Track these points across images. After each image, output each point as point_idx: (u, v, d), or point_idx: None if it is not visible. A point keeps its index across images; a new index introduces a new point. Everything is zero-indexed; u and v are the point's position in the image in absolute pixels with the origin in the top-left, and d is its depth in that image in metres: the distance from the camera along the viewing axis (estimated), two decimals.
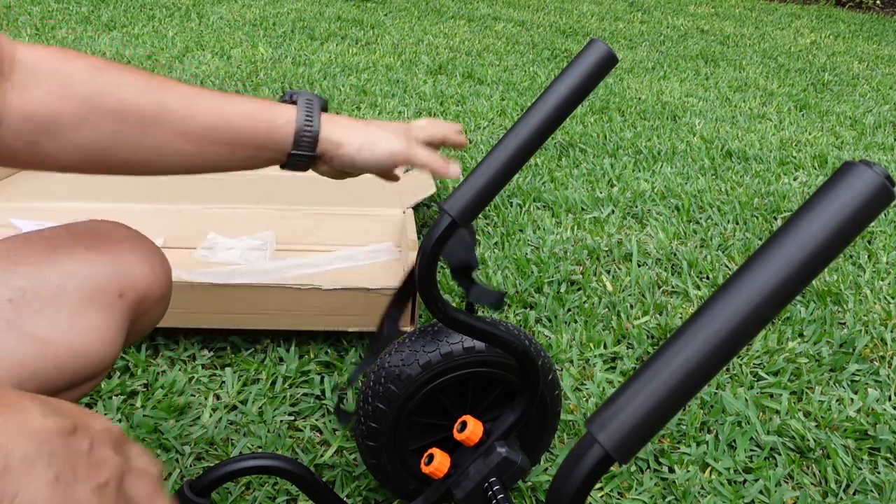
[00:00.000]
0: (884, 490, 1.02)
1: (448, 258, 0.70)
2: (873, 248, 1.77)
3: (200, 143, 0.62)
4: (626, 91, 3.10)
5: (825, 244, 0.36)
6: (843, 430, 1.13)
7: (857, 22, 5.64)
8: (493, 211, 1.82)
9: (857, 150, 2.58)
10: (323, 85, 2.77)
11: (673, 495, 1.00)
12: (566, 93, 0.62)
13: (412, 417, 0.84)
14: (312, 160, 0.68)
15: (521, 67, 3.35)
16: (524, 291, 1.45)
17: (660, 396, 0.37)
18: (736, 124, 2.76)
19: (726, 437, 1.09)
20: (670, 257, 1.64)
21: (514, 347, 0.74)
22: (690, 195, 1.99)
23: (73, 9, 3.74)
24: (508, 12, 4.78)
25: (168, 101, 0.61)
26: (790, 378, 1.25)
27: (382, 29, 3.93)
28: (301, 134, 0.65)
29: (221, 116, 0.62)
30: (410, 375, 0.81)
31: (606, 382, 1.21)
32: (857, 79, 3.71)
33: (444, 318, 0.68)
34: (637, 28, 4.63)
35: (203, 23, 3.69)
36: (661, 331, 1.36)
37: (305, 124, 0.65)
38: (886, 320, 1.45)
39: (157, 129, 0.60)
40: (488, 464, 0.76)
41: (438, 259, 0.66)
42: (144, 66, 2.82)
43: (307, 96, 0.67)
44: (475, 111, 2.64)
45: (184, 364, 1.19)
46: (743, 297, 0.37)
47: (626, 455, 0.37)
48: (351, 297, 1.21)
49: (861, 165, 0.36)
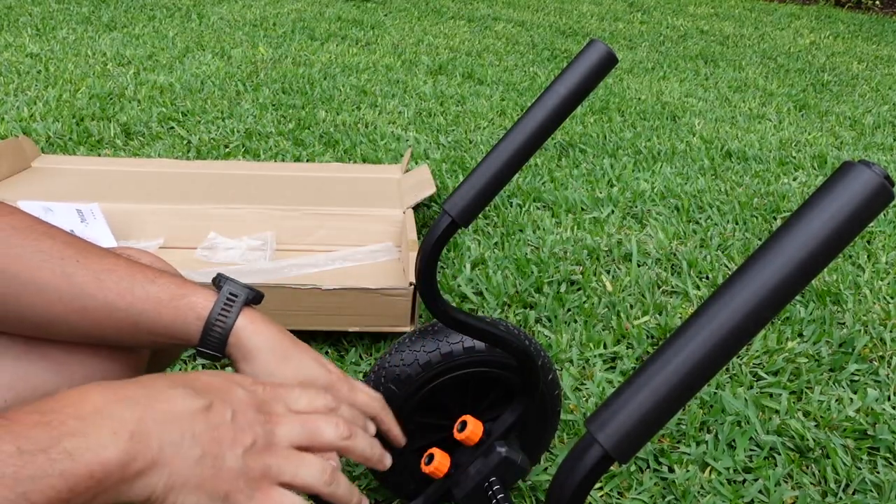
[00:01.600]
0: (883, 490, 1.02)
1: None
2: (873, 248, 1.78)
3: (99, 323, 0.57)
4: (626, 91, 3.10)
5: (824, 244, 0.37)
6: (843, 430, 1.13)
7: (856, 22, 5.64)
8: (493, 211, 1.82)
9: (857, 151, 2.58)
10: (323, 85, 2.77)
11: (673, 495, 1.00)
12: (566, 93, 0.62)
13: (412, 417, 0.84)
14: (221, 359, 0.61)
15: (521, 68, 3.36)
16: (524, 291, 1.45)
17: (659, 396, 0.37)
18: (735, 124, 2.76)
19: (726, 437, 1.09)
20: (670, 257, 1.64)
21: (514, 347, 0.74)
22: (690, 195, 1.99)
23: (74, 9, 3.74)
24: (508, 12, 4.79)
25: (76, 276, 0.56)
26: (790, 378, 1.25)
27: (382, 29, 3.93)
28: (209, 332, 0.58)
29: (126, 299, 0.57)
30: (410, 375, 0.81)
31: (606, 382, 1.21)
32: (857, 79, 3.71)
33: (444, 318, 0.68)
34: (637, 28, 4.63)
35: (203, 23, 3.69)
36: (661, 331, 1.36)
37: (217, 321, 0.58)
38: (886, 320, 1.45)
39: (58, 304, 0.56)
40: (488, 463, 0.76)
41: (438, 259, 0.66)
42: (145, 66, 2.82)
43: (231, 290, 0.60)
44: (475, 111, 2.64)
45: (184, 364, 1.19)
46: (742, 297, 0.37)
47: (625, 455, 0.37)
48: (351, 297, 1.21)
49: (860, 165, 0.36)
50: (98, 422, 0.43)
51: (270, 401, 0.53)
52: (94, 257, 0.58)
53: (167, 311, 0.58)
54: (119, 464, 0.42)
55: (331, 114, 2.47)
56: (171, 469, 0.44)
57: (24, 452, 0.39)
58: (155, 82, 2.62)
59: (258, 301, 0.63)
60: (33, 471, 0.39)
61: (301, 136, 2.24)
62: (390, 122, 2.45)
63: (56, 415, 0.42)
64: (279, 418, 0.52)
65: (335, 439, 0.54)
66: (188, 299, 0.58)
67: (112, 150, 2.05)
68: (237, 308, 0.59)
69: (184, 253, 1.44)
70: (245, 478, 0.48)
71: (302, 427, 0.52)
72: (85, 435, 0.41)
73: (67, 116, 2.21)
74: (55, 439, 0.40)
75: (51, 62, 2.79)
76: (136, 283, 0.58)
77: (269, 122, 2.34)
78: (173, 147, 2.08)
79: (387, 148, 2.19)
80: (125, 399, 0.45)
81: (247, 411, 0.50)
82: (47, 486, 0.39)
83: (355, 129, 2.34)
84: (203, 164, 1.84)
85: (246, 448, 0.48)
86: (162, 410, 0.46)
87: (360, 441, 0.56)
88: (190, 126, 2.25)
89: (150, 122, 2.24)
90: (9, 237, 0.56)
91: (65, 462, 0.40)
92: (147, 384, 0.48)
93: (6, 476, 0.38)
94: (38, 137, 2.03)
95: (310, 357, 0.63)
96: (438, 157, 2.15)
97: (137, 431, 0.44)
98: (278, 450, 0.50)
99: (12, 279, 0.55)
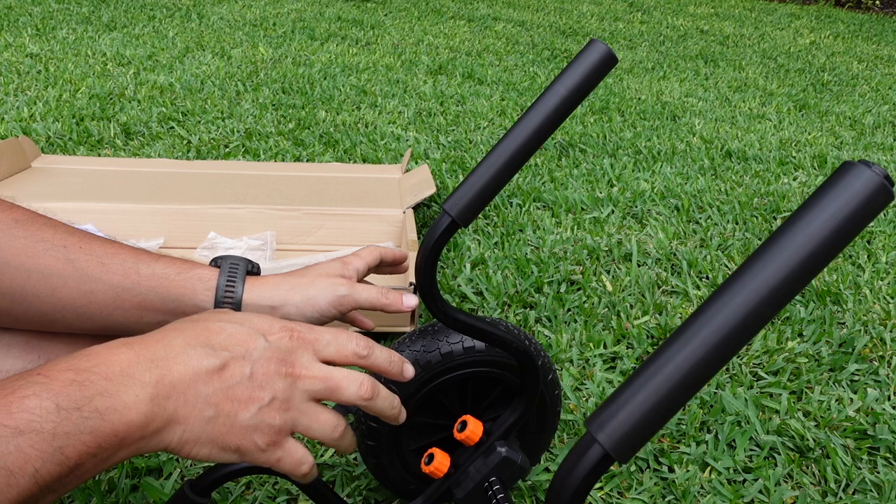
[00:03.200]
0: (883, 490, 1.02)
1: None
2: (873, 248, 1.78)
3: (106, 306, 0.58)
4: (626, 91, 3.10)
5: (824, 244, 0.36)
6: (843, 430, 1.13)
7: (856, 22, 5.64)
8: (493, 211, 1.82)
9: (857, 151, 2.58)
10: (323, 85, 2.77)
11: (673, 495, 1.00)
12: (566, 93, 0.62)
13: (412, 417, 0.84)
14: None
15: (521, 67, 3.35)
16: (524, 291, 1.45)
17: (659, 396, 0.37)
18: (735, 124, 2.76)
19: (726, 437, 1.09)
20: (670, 257, 1.64)
21: (514, 347, 0.74)
22: (690, 195, 1.99)
23: (74, 9, 3.74)
24: (508, 12, 4.79)
25: (80, 261, 0.57)
26: (790, 378, 1.25)
27: (382, 29, 3.93)
28: (221, 302, 0.60)
29: (132, 278, 0.58)
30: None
31: (606, 382, 1.21)
32: (857, 79, 3.71)
33: (444, 318, 0.68)
34: (637, 28, 4.63)
35: (203, 23, 3.69)
36: (661, 331, 1.36)
37: (226, 291, 0.60)
38: (886, 320, 1.45)
39: (63, 289, 0.57)
40: (488, 463, 0.76)
41: (438, 259, 0.66)
42: (145, 66, 2.82)
43: (232, 261, 0.63)
44: (475, 111, 2.64)
45: None
46: (742, 297, 0.37)
47: (625, 454, 0.37)
48: None
49: (860, 165, 0.36)
50: (124, 383, 0.45)
51: (296, 349, 0.53)
52: (97, 244, 0.59)
53: (174, 285, 0.59)
54: (140, 425, 0.45)
55: (331, 114, 2.47)
56: (185, 427, 0.47)
57: (62, 409, 0.41)
58: (155, 82, 2.62)
59: (257, 273, 0.65)
60: (69, 427, 0.41)
61: (301, 136, 2.24)
62: (390, 122, 2.45)
63: (88, 374, 0.44)
64: (301, 371, 0.52)
65: (355, 399, 0.54)
66: (194, 272, 0.61)
67: (112, 150, 2.05)
68: (241, 274, 0.62)
69: (184, 253, 1.44)
70: (259, 432, 0.49)
71: (324, 384, 0.52)
72: (112, 395, 0.44)
73: (67, 116, 2.21)
74: (87, 399, 0.43)
75: (51, 62, 2.79)
76: (140, 262, 0.59)
77: (269, 122, 2.34)
78: (173, 147, 2.08)
79: (387, 148, 2.19)
80: (147, 360, 0.47)
81: (268, 364, 0.51)
82: (79, 442, 0.42)
83: (355, 129, 2.34)
84: (203, 164, 1.84)
85: (262, 405, 0.49)
86: (179, 371, 0.48)
87: (381, 402, 0.56)
88: (190, 126, 2.25)
89: (150, 122, 2.24)
90: (11, 229, 0.57)
91: (95, 420, 0.43)
92: (168, 342, 0.49)
93: (46, 431, 0.40)
94: (38, 137, 2.03)
95: (321, 278, 0.65)
96: (438, 157, 2.15)
97: (155, 394, 0.46)
98: (296, 403, 0.51)
99: (17, 269, 0.56)
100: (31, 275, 0.56)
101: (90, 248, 0.58)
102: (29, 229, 0.57)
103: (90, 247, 0.58)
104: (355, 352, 0.55)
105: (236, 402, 0.49)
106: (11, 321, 0.58)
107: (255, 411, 0.49)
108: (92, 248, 0.58)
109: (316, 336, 0.54)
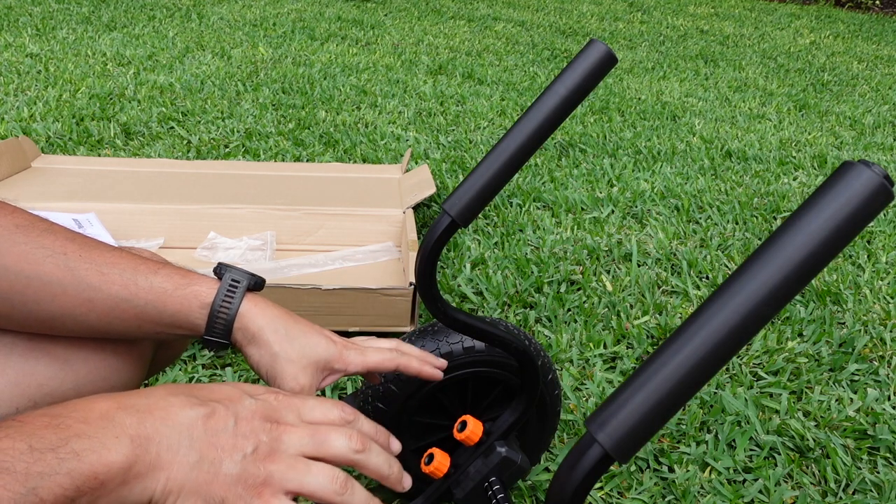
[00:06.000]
0: (883, 489, 1.02)
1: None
2: (872, 248, 1.77)
3: (105, 315, 0.58)
4: (626, 91, 3.10)
5: (824, 244, 0.36)
6: (843, 430, 1.13)
7: (856, 22, 5.64)
8: (493, 211, 1.82)
9: (857, 150, 2.58)
10: (323, 85, 2.77)
11: (673, 495, 1.00)
12: (566, 93, 0.62)
13: (412, 417, 0.84)
14: (228, 346, 0.61)
15: (520, 67, 3.35)
16: (524, 291, 1.45)
17: (659, 396, 0.37)
18: (735, 124, 2.76)
19: (726, 437, 1.09)
20: (670, 257, 1.64)
21: (514, 347, 0.74)
22: (690, 195, 1.99)
23: (74, 9, 3.74)
24: (508, 12, 4.78)
25: (80, 270, 0.57)
26: (790, 378, 1.25)
27: (382, 29, 3.93)
28: (214, 318, 0.59)
29: (130, 290, 0.57)
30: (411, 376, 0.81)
31: (606, 382, 1.21)
32: (857, 79, 3.71)
33: (444, 318, 0.68)
34: (637, 28, 4.63)
35: (203, 23, 3.69)
36: (661, 331, 1.36)
37: (221, 307, 0.59)
38: (886, 320, 1.45)
39: (63, 297, 0.56)
40: (488, 463, 0.76)
41: (438, 259, 0.66)
42: (145, 66, 2.82)
43: (233, 276, 0.61)
44: (475, 111, 2.64)
45: (184, 364, 1.19)
46: (742, 297, 0.37)
47: (625, 454, 0.37)
48: (351, 297, 1.21)
49: (860, 165, 0.36)
50: (103, 426, 0.44)
51: (282, 409, 0.52)
52: (97, 252, 0.58)
53: (171, 300, 0.58)
54: (121, 467, 0.43)
55: (331, 114, 2.47)
56: (168, 473, 0.46)
57: (35, 450, 0.40)
58: (155, 82, 2.62)
59: (260, 287, 0.63)
60: (43, 467, 0.40)
61: (301, 136, 2.24)
62: (390, 122, 2.45)
63: (65, 418, 0.43)
64: (288, 427, 0.51)
65: (346, 451, 0.52)
66: (192, 288, 0.59)
67: (112, 150, 2.05)
68: (240, 293, 0.60)
69: (184, 253, 1.44)
70: (244, 484, 0.48)
71: (311, 437, 0.51)
72: (90, 437, 0.43)
73: (67, 116, 2.21)
74: (63, 440, 0.42)
75: (51, 62, 2.79)
76: (139, 274, 0.58)
77: (269, 122, 2.34)
78: (173, 147, 2.08)
79: (387, 148, 2.19)
80: (128, 407, 0.47)
81: (252, 419, 0.50)
82: (55, 484, 0.40)
83: (355, 129, 2.34)
84: (203, 164, 1.84)
85: (246, 454, 0.48)
86: (161, 416, 0.47)
87: (375, 456, 0.54)
88: (190, 126, 2.25)
89: (150, 122, 2.24)
90: (12, 234, 0.56)
91: (72, 461, 0.41)
92: (150, 393, 0.49)
93: (18, 472, 0.39)
94: (38, 137, 2.03)
95: (314, 332, 0.63)
96: (438, 157, 2.15)
97: (137, 436, 0.45)
98: (283, 457, 0.50)
99: (17, 275, 0.55)
100: (32, 281, 0.56)
101: (90, 256, 0.58)
102: (30, 235, 0.57)
103: (90, 255, 0.58)
104: (341, 416, 0.54)
105: (220, 450, 0.48)
106: (12, 325, 0.57)
107: (238, 459, 0.48)
108: (92, 257, 0.58)
109: (302, 400, 0.54)
